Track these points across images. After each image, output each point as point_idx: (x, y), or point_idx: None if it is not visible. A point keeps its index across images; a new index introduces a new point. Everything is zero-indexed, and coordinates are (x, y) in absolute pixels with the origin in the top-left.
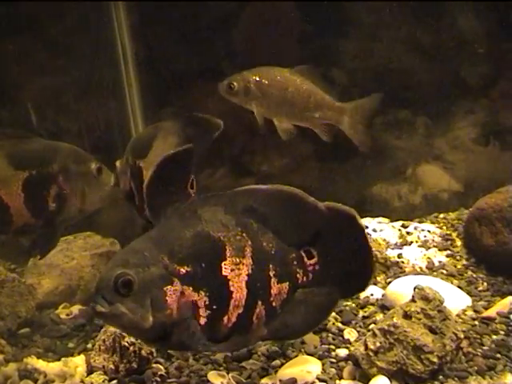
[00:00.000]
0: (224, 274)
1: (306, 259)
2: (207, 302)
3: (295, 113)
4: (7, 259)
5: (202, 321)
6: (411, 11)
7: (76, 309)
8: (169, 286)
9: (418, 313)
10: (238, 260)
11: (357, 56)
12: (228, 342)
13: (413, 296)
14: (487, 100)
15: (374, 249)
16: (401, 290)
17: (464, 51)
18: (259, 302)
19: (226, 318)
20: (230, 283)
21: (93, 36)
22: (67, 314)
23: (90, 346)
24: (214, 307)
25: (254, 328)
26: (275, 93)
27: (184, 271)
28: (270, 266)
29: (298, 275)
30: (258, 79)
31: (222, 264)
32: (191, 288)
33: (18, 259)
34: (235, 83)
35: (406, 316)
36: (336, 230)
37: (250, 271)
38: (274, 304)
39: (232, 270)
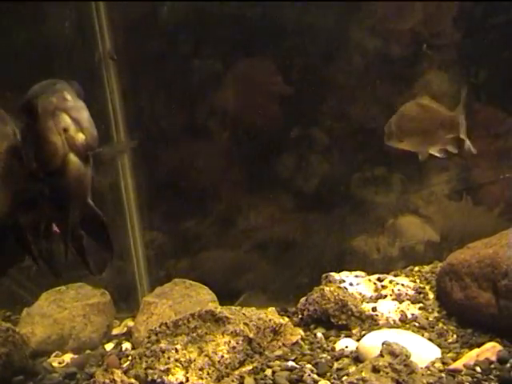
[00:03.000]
0: None
1: None
2: None
3: None
4: (2, 306)
5: None
6: (386, 72)
7: (68, 357)
8: None
9: (386, 367)
10: None
11: (335, 116)
12: None
13: (381, 351)
14: (460, 158)
15: (349, 303)
16: (372, 344)
17: None
18: None
19: None
20: None
21: None
22: (59, 363)
23: None
24: None
25: None
26: None
27: None
28: None
29: None
30: None
31: None
32: None
33: (13, 307)
34: None
35: (375, 370)
36: None
37: None
38: None
39: None
